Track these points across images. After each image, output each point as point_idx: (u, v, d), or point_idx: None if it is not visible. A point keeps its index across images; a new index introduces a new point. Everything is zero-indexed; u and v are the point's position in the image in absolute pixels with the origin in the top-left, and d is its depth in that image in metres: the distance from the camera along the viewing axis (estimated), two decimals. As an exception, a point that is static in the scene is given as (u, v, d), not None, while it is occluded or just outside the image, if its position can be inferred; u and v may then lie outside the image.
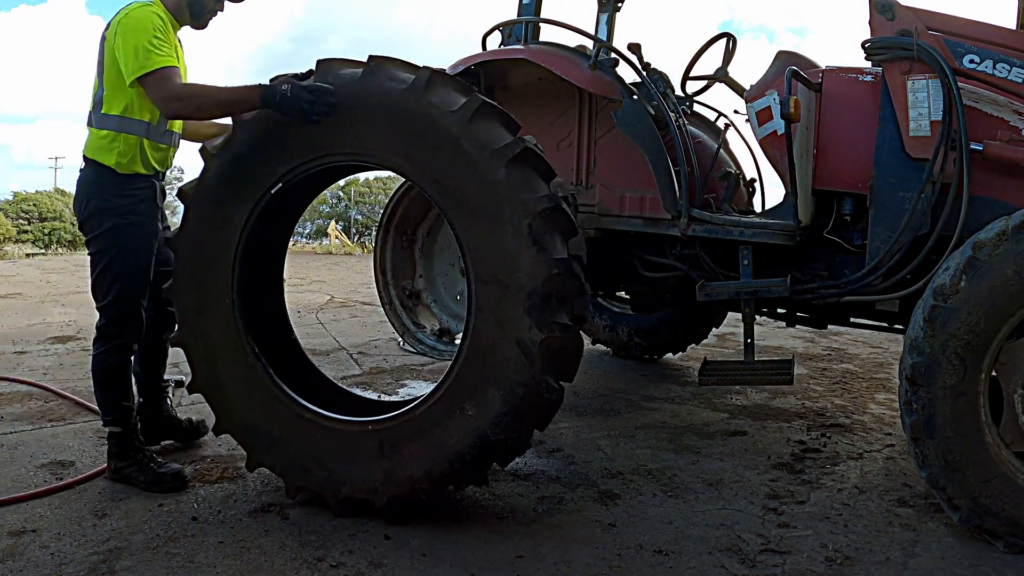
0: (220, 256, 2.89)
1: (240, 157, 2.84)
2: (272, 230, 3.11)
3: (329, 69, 2.78)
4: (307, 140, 2.74)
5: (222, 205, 2.88)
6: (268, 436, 2.89)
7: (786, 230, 3.31)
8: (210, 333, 2.96)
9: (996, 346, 2.54)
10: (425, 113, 2.61)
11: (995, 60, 2.91)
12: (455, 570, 2.47)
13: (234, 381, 2.94)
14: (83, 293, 9.04)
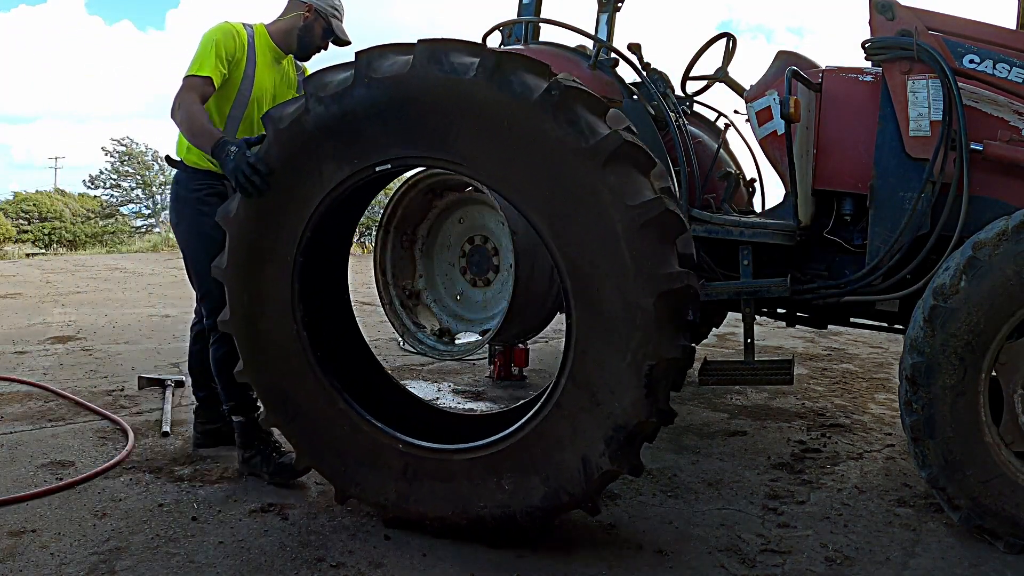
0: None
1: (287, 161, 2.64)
2: (331, 238, 2.95)
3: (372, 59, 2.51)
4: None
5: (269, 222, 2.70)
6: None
7: (786, 230, 3.31)
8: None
9: (996, 346, 2.54)
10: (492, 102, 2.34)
11: (995, 60, 2.91)
12: (455, 570, 2.47)
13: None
14: (83, 293, 9.04)
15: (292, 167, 2.61)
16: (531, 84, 2.32)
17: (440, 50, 2.40)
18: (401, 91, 2.41)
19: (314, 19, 3.24)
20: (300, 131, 2.56)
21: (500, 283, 3.88)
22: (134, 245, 24.10)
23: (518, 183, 2.37)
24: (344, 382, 2.78)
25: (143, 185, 37.33)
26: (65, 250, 25.31)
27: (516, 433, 2.52)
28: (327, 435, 2.77)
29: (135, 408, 4.18)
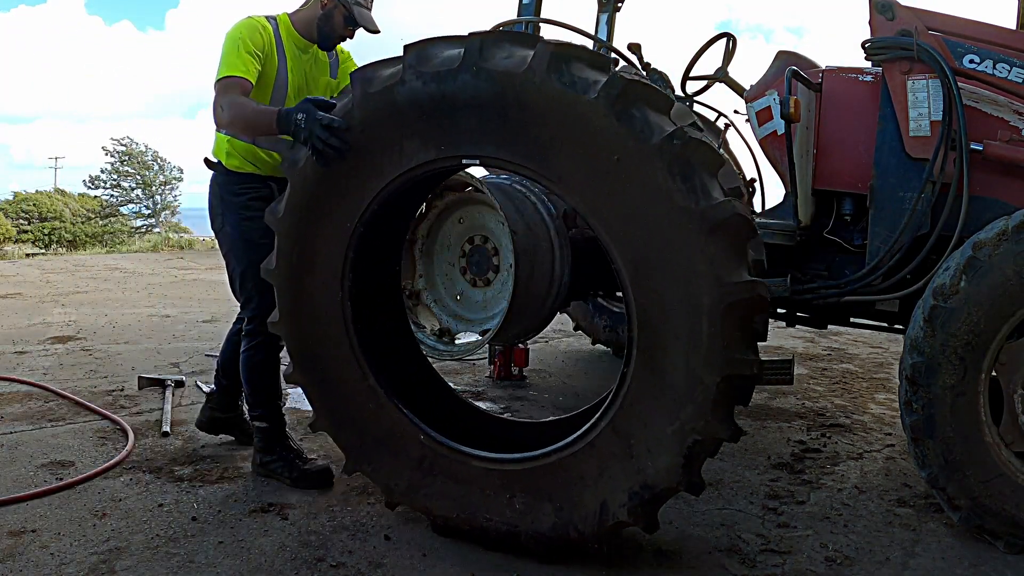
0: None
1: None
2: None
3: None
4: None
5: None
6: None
7: (786, 230, 3.31)
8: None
9: (996, 346, 2.54)
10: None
11: (995, 60, 2.91)
12: (455, 570, 2.47)
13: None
14: (83, 293, 9.04)
15: (372, 134, 2.48)
16: (654, 124, 2.16)
17: (562, 57, 2.23)
18: (510, 91, 2.24)
19: (333, 6, 3.08)
20: (390, 100, 2.41)
21: (500, 283, 3.87)
22: (134, 245, 24.09)
23: (611, 220, 2.23)
24: (379, 363, 2.73)
25: (143, 185, 37.37)
26: (65, 250, 25.31)
27: (541, 457, 2.47)
28: (351, 408, 2.74)
29: (135, 408, 4.18)
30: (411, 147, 2.44)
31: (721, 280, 2.12)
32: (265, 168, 3.11)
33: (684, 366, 2.20)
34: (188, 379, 4.76)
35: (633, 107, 2.16)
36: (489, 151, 2.35)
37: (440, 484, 2.63)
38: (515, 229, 3.75)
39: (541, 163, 2.28)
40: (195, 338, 6.30)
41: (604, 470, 2.35)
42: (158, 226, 35.33)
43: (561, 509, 2.43)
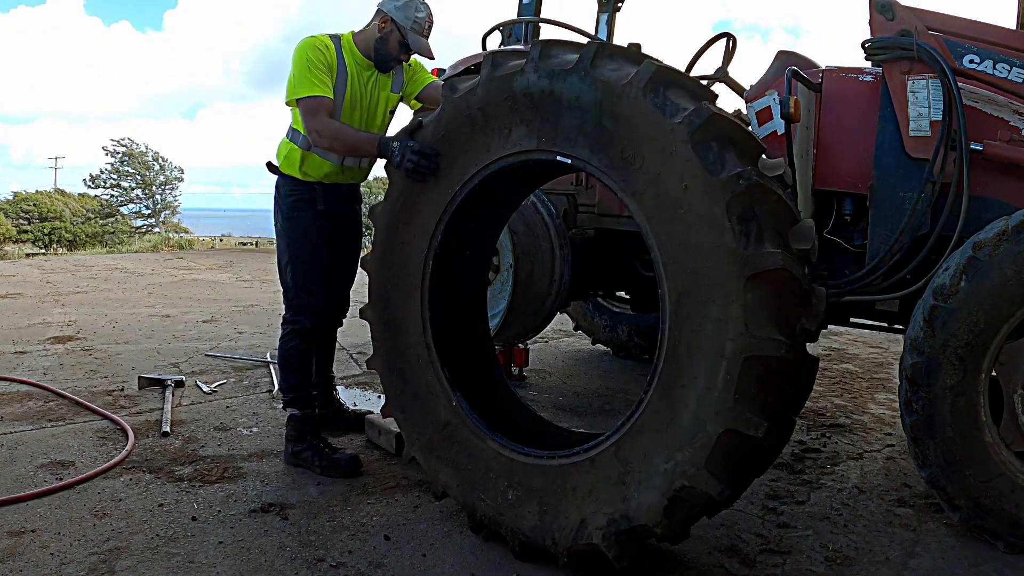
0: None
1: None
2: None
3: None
4: None
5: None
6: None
7: (786, 230, 3.30)
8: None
9: (996, 346, 2.54)
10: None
11: (995, 60, 2.91)
12: (455, 570, 2.47)
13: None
14: (83, 293, 9.04)
15: (488, 113, 2.59)
16: (727, 160, 2.16)
17: (662, 79, 2.27)
18: (608, 101, 2.31)
19: (390, 30, 3.23)
20: (508, 87, 2.52)
21: (500, 283, 3.88)
22: (134, 245, 24.10)
23: (669, 246, 2.23)
24: (439, 324, 2.84)
25: (143, 185, 37.36)
26: (65, 250, 25.31)
27: (544, 458, 2.51)
28: (404, 356, 2.87)
29: (135, 408, 4.17)
30: (518, 134, 2.54)
31: (748, 331, 2.08)
32: (313, 173, 3.32)
33: (695, 408, 2.16)
34: (188, 379, 4.76)
35: (712, 140, 2.17)
36: (580, 153, 2.40)
37: (454, 452, 2.72)
38: (515, 229, 3.76)
39: (623, 175, 2.31)
40: (195, 338, 6.30)
41: (594, 489, 2.35)
42: (158, 226, 35.34)
43: (545, 513, 2.44)
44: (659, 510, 2.20)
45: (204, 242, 23.19)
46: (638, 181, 2.27)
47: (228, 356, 5.57)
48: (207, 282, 10.56)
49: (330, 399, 3.84)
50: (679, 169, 2.17)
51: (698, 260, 2.16)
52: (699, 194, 2.14)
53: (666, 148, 2.19)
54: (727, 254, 2.10)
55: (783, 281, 2.12)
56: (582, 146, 2.39)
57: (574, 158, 2.42)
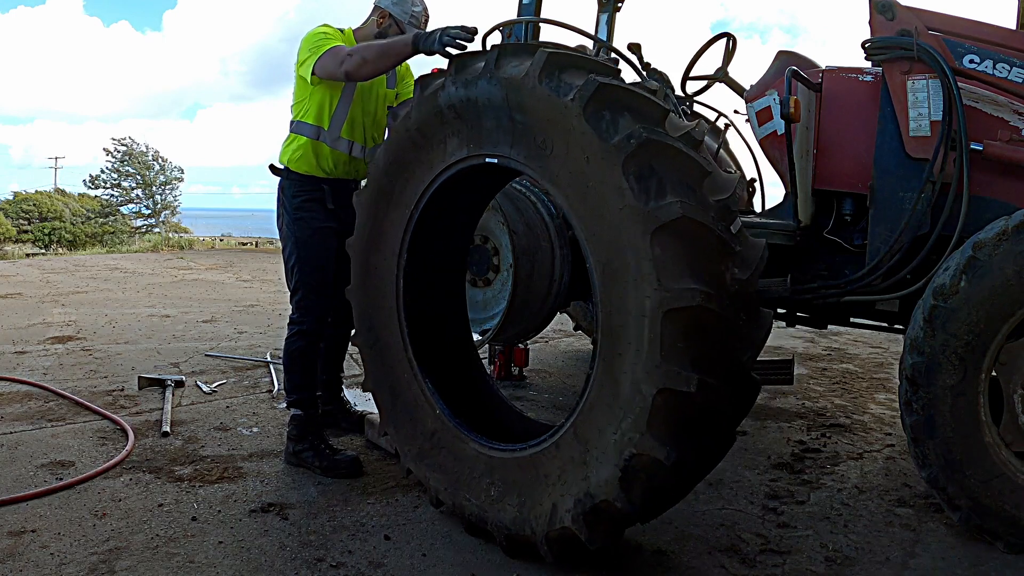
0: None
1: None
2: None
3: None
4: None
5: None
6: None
7: (786, 230, 3.31)
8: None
9: (996, 346, 2.54)
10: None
11: (995, 60, 2.91)
12: (455, 570, 2.47)
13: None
14: (83, 293, 9.04)
15: (425, 132, 2.72)
16: (619, 125, 2.20)
17: (558, 62, 2.34)
18: (513, 96, 2.39)
19: (388, 25, 3.29)
20: (435, 104, 2.65)
21: (500, 283, 3.88)
22: (134, 245, 24.10)
23: (586, 220, 2.27)
24: (418, 337, 2.93)
25: (143, 185, 37.34)
26: (65, 250, 25.30)
27: (518, 450, 2.55)
28: (391, 374, 2.96)
29: (135, 408, 4.18)
30: (452, 145, 2.67)
31: (661, 283, 2.08)
32: (328, 167, 3.33)
33: (631, 374, 2.16)
34: (188, 379, 4.76)
35: (605, 109, 2.21)
36: (504, 151, 2.50)
37: (442, 458, 2.77)
38: (515, 229, 3.76)
39: (540, 163, 2.39)
40: (195, 338, 6.30)
41: (563, 473, 2.37)
42: (158, 226, 35.33)
43: (523, 504, 2.47)
44: (615, 483, 2.20)
45: (204, 242, 23.19)
46: (553, 166, 2.33)
47: (228, 356, 5.57)
48: (207, 282, 10.56)
49: (335, 398, 3.85)
50: (579, 143, 2.23)
51: (611, 228, 2.19)
52: (599, 163, 2.19)
53: (566, 127, 2.25)
54: (631, 213, 2.12)
55: (691, 231, 2.11)
56: (504, 144, 2.48)
57: (500, 156, 2.51)
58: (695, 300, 2.07)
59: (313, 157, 3.30)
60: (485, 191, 3.20)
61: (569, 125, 2.24)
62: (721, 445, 2.30)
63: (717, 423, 2.23)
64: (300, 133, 3.30)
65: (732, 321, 2.16)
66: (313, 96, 3.27)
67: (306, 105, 3.29)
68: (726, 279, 2.15)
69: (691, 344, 2.10)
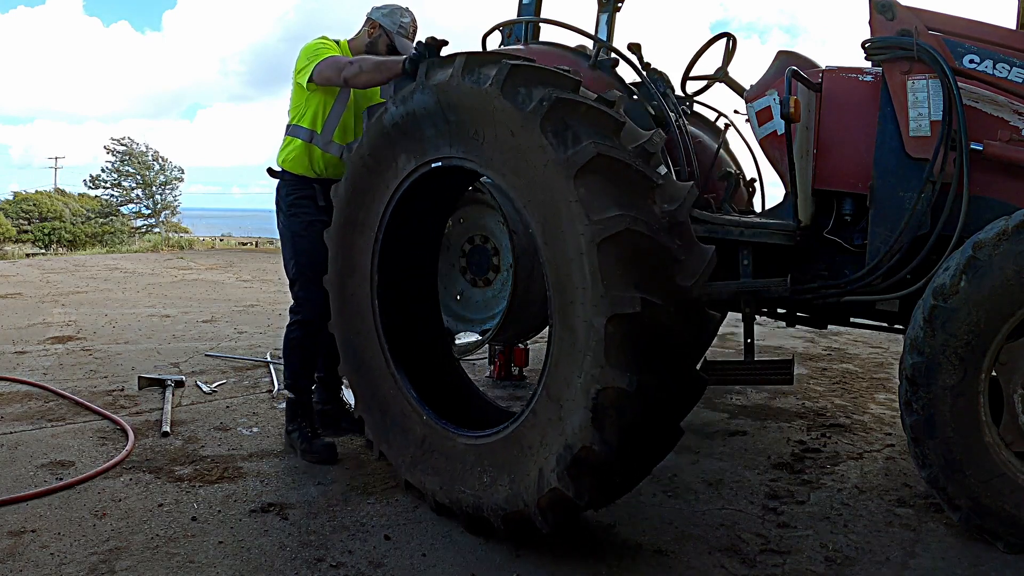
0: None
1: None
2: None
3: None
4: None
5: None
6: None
7: (786, 230, 3.30)
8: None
9: (996, 346, 2.54)
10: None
11: (995, 60, 2.91)
12: (455, 570, 2.47)
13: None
14: (83, 293, 9.04)
15: (376, 156, 2.94)
16: (532, 96, 2.40)
17: (475, 61, 2.59)
18: (443, 98, 2.63)
19: (378, 35, 3.48)
20: (381, 127, 2.89)
21: (500, 283, 3.88)
22: (134, 245, 24.10)
23: (522, 189, 2.45)
24: (398, 350, 3.07)
25: (143, 185, 37.33)
26: (65, 250, 25.30)
27: (503, 430, 2.62)
28: (379, 389, 3.08)
29: (135, 408, 4.18)
30: (401, 161, 2.87)
31: (590, 218, 2.22)
32: (319, 168, 3.50)
33: (583, 315, 2.27)
34: (188, 379, 4.76)
35: (520, 85, 2.43)
36: (446, 151, 2.72)
37: (435, 460, 2.84)
38: (515, 229, 3.76)
39: (477, 153, 2.60)
40: (195, 338, 6.30)
41: (544, 437, 2.44)
42: (158, 226, 35.32)
43: (514, 481, 2.52)
44: (588, 426, 2.26)
45: (204, 242, 23.19)
46: (487, 151, 2.55)
47: (228, 356, 5.57)
48: (207, 282, 10.56)
49: (335, 397, 3.89)
50: (504, 122, 2.44)
51: (543, 186, 2.36)
52: (522, 132, 2.40)
53: (490, 110, 2.47)
54: (554, 165, 2.30)
55: (610, 167, 2.27)
56: (444, 145, 2.71)
57: (443, 158, 2.73)
58: (623, 225, 2.21)
59: (306, 159, 3.47)
60: (443, 197, 3.31)
61: (492, 108, 2.46)
62: (680, 376, 2.36)
63: (671, 348, 2.31)
64: (295, 136, 3.47)
65: (666, 246, 2.29)
66: (309, 102, 3.45)
67: (302, 110, 3.47)
68: (654, 210, 2.32)
69: (629, 268, 2.23)
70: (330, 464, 3.36)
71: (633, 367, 2.21)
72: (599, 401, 2.24)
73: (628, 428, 2.28)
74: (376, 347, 3.06)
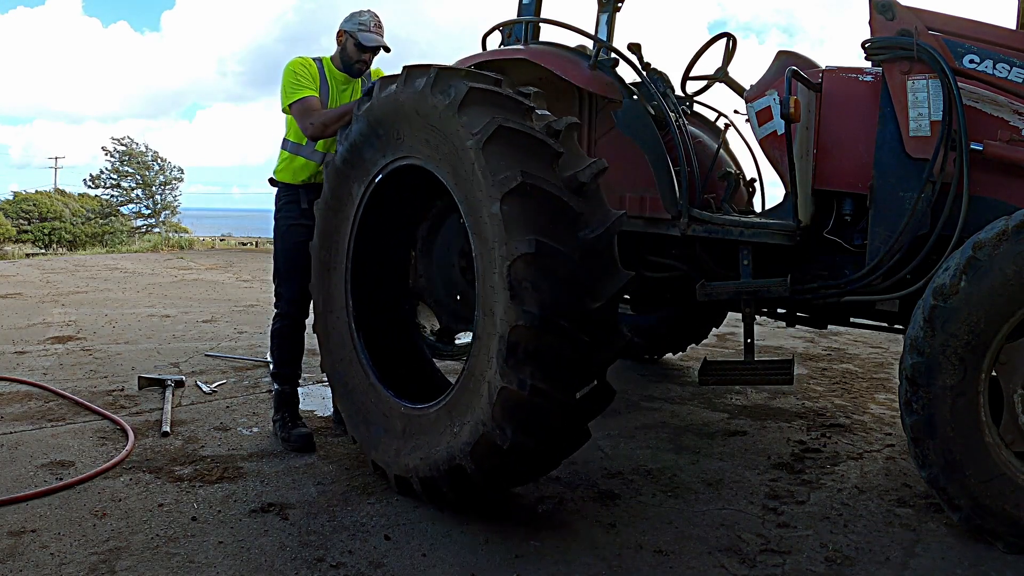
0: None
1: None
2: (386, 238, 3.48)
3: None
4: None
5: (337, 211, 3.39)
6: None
7: (786, 230, 3.30)
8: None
9: (996, 346, 2.54)
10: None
11: (995, 60, 2.91)
12: (455, 570, 2.47)
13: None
14: (83, 293, 9.04)
15: (337, 195, 3.37)
16: (451, 89, 2.76)
17: (384, 81, 3.08)
18: (372, 117, 3.10)
19: (346, 39, 3.73)
20: (335, 167, 3.33)
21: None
22: (134, 245, 24.08)
23: (448, 171, 2.81)
24: (374, 353, 3.33)
25: (143, 185, 37.33)
26: (65, 250, 25.30)
27: (461, 376, 2.79)
28: (361, 404, 3.27)
29: (135, 408, 4.18)
30: (356, 189, 3.27)
31: (492, 181, 2.53)
32: (300, 175, 3.78)
33: (485, 212, 2.58)
34: (188, 379, 4.76)
35: (449, 85, 2.77)
36: (381, 163, 3.13)
37: (415, 442, 2.95)
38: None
39: (401, 152, 3.01)
40: (195, 338, 6.30)
41: (488, 354, 2.64)
42: (158, 226, 35.32)
43: (474, 411, 2.67)
44: (509, 304, 2.48)
45: (204, 242, 23.18)
46: (408, 143, 2.97)
47: (228, 356, 5.57)
48: (207, 282, 10.56)
49: None
50: (407, 110, 2.88)
51: (462, 168, 2.70)
52: (444, 123, 2.74)
53: (397, 107, 2.94)
54: (466, 147, 2.64)
55: (512, 138, 2.58)
56: (380, 158, 3.13)
57: (380, 171, 3.15)
58: (518, 180, 2.49)
59: (292, 168, 3.78)
60: (401, 210, 3.49)
61: (399, 104, 2.92)
62: (588, 320, 2.54)
63: (576, 291, 2.52)
64: (284, 149, 3.81)
65: (565, 201, 2.56)
66: (292, 120, 3.75)
67: (289, 124, 3.79)
68: (555, 172, 2.60)
69: (528, 218, 2.51)
70: (306, 452, 3.53)
71: (527, 233, 2.46)
72: (511, 275, 2.48)
73: (538, 361, 2.48)
74: (357, 365, 3.31)
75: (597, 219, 2.61)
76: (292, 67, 3.66)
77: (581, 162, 2.70)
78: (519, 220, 2.49)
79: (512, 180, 2.50)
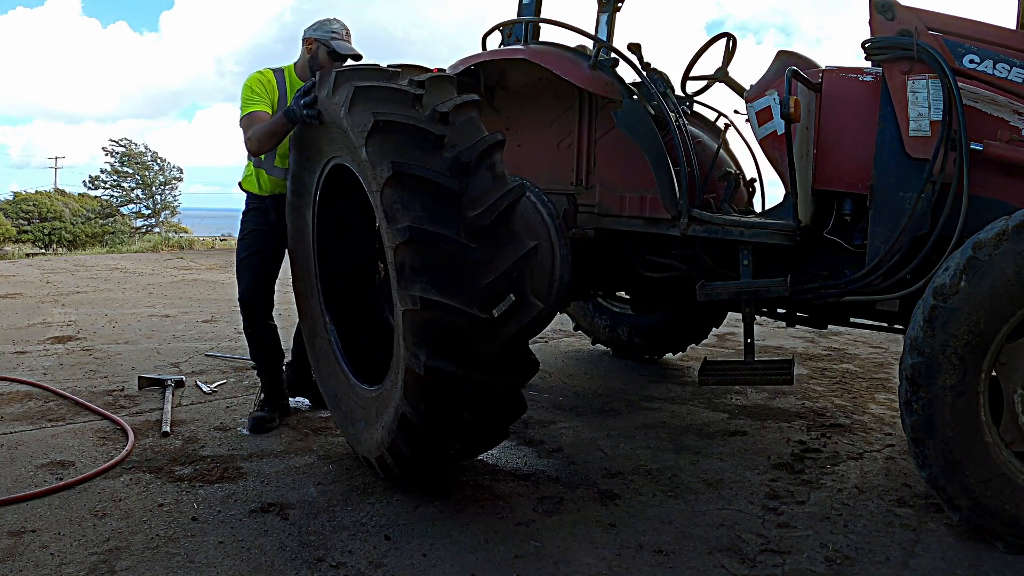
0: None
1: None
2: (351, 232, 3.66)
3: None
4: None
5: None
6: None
7: (786, 230, 3.30)
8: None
9: (996, 346, 2.54)
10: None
11: (995, 60, 2.91)
12: (455, 570, 2.47)
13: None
14: (83, 293, 9.04)
15: (297, 229, 3.67)
16: (340, 95, 2.93)
17: (340, 79, 3.01)
18: (298, 135, 3.42)
19: (316, 48, 3.73)
20: (289, 202, 3.63)
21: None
22: (134, 245, 24.08)
23: (356, 164, 2.94)
24: (346, 343, 3.52)
25: (143, 185, 37.35)
26: (65, 250, 25.29)
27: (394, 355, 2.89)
28: (346, 407, 3.35)
29: (135, 408, 4.18)
30: (308, 216, 3.51)
31: (373, 174, 2.66)
32: (266, 188, 3.86)
33: (390, 257, 2.67)
34: (188, 379, 4.76)
35: (342, 87, 2.90)
36: (310, 179, 3.42)
37: (380, 422, 3.00)
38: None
39: (327, 156, 3.21)
40: (195, 338, 6.30)
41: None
42: (158, 226, 35.33)
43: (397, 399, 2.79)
44: (412, 347, 2.58)
45: (204, 242, 23.18)
46: (329, 150, 3.18)
47: (228, 356, 5.57)
48: (207, 282, 10.56)
49: (309, 374, 4.08)
50: (337, 119, 2.92)
51: (355, 153, 2.80)
52: (342, 121, 2.85)
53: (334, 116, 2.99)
54: (356, 142, 2.75)
55: (389, 129, 2.66)
56: (307, 173, 3.41)
57: (315, 183, 3.39)
58: (398, 169, 2.60)
59: (256, 180, 3.87)
60: (350, 215, 3.62)
61: (333, 114, 2.98)
62: (484, 296, 2.58)
63: (465, 270, 2.57)
64: (249, 160, 3.87)
65: (443, 184, 2.61)
66: None
67: None
68: (434, 155, 2.66)
69: (407, 204, 2.60)
70: (256, 433, 3.75)
71: (427, 288, 2.52)
72: (396, 261, 2.58)
73: (435, 342, 2.57)
74: (336, 367, 3.47)
75: (485, 196, 2.67)
76: (249, 82, 3.72)
77: (468, 141, 2.75)
78: (396, 208, 2.59)
79: (385, 171, 2.60)
